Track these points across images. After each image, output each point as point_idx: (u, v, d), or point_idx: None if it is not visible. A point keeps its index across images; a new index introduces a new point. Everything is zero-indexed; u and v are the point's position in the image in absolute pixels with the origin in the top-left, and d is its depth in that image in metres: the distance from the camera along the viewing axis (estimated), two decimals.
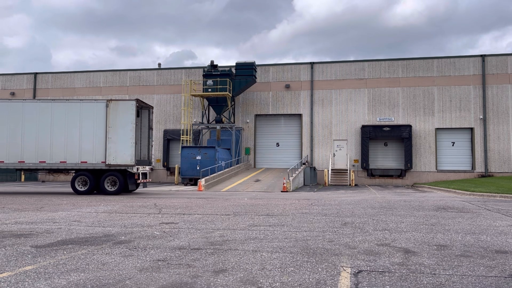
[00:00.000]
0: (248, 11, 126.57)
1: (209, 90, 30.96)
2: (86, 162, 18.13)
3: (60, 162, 18.21)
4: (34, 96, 36.59)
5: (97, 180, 18.49)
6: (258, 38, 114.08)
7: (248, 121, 33.76)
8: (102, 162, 18.07)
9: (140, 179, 18.98)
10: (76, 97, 35.35)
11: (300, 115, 33.28)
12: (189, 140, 32.14)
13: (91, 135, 18.13)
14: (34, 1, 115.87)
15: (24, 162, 18.25)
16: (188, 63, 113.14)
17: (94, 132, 18.12)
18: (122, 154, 17.97)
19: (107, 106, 18.11)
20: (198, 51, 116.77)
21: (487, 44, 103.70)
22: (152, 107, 20.34)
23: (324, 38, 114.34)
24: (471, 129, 30.98)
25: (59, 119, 18.28)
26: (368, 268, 5.20)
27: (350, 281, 4.62)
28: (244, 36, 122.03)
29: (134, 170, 18.38)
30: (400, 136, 30.97)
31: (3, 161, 18.26)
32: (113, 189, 18.37)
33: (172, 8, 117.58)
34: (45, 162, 18.22)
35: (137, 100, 18.54)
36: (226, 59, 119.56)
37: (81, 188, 18.49)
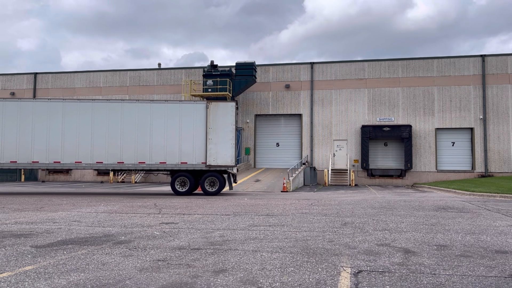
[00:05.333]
0: (259, 15, 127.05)
1: (209, 90, 30.96)
2: (186, 163, 18.16)
3: (160, 163, 18.20)
4: (34, 96, 36.58)
5: (196, 181, 18.62)
6: (268, 40, 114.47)
7: (248, 121, 33.75)
8: (202, 163, 18.13)
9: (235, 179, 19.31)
10: (76, 97, 35.33)
11: (300, 115, 33.28)
12: None
13: (190, 136, 18.20)
14: (52, 5, 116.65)
15: (123, 163, 18.19)
16: (199, 65, 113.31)
17: (194, 133, 18.20)
18: (223, 155, 18.09)
19: (207, 107, 18.23)
20: (209, 53, 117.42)
21: (494, 47, 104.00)
22: (238, 108, 20.47)
23: (332, 41, 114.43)
24: (471, 129, 30.98)
25: (158, 120, 18.28)
26: (368, 268, 5.20)
27: (350, 281, 4.62)
28: (254, 39, 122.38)
29: (234, 170, 18.68)
30: (400, 136, 30.97)
31: (102, 162, 18.19)
32: (212, 190, 18.43)
33: (183, 12, 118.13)
34: (144, 163, 18.18)
35: (236, 102, 18.79)
36: (235, 61, 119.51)
37: (180, 188, 18.47)
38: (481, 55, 31.25)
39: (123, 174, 33.44)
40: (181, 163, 18.18)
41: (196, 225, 8.83)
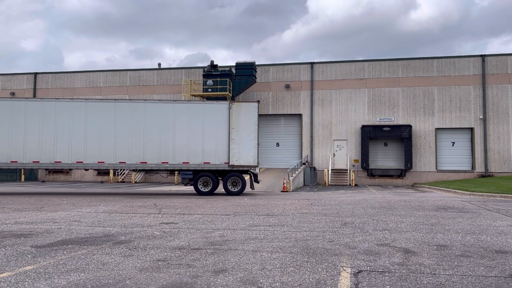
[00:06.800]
0: (262, 16, 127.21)
1: (209, 90, 30.95)
2: (209, 163, 18.23)
3: (183, 162, 18.25)
4: (34, 96, 36.56)
5: (218, 181, 18.72)
6: (270, 41, 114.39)
7: None
8: (225, 163, 18.23)
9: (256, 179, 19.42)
10: (76, 97, 35.30)
11: (300, 115, 33.27)
12: None
13: (213, 136, 18.26)
14: (57, 6, 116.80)
15: (146, 163, 18.17)
16: (200, 66, 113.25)
17: (217, 133, 18.27)
18: (245, 155, 18.21)
19: (229, 107, 18.31)
20: (211, 54, 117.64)
21: (495, 48, 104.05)
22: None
23: (335, 41, 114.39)
24: (471, 129, 30.97)
25: (181, 120, 18.31)
26: (368, 268, 5.20)
27: (350, 281, 4.62)
28: (256, 39, 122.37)
29: (257, 170, 18.76)
30: (400, 136, 30.96)
31: (124, 162, 18.18)
32: (235, 190, 18.53)
33: (186, 13, 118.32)
34: (167, 163, 18.22)
35: (258, 102, 18.97)
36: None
37: (203, 188, 18.50)
38: (481, 55, 31.23)
39: (123, 174, 33.44)
40: (204, 163, 18.23)
41: (196, 225, 8.83)
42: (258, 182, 19.79)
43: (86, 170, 21.56)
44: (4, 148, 17.88)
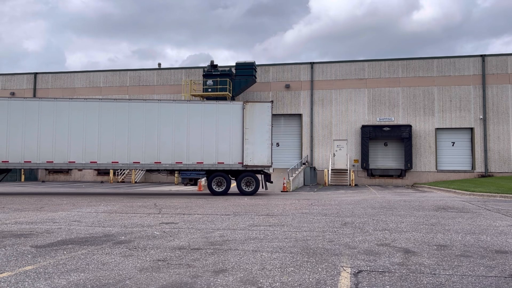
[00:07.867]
0: (264, 16, 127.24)
1: (209, 90, 30.95)
2: (223, 163, 18.27)
3: (197, 163, 18.28)
4: (34, 96, 36.55)
5: (231, 181, 18.77)
6: (272, 41, 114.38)
7: None
8: (239, 163, 18.29)
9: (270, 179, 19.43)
10: (76, 97, 35.29)
11: (300, 115, 33.27)
12: None
13: (227, 136, 18.32)
14: (60, 7, 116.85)
15: (160, 163, 18.18)
16: (200, 66, 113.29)
17: (231, 133, 18.33)
18: (259, 155, 18.30)
19: (243, 107, 18.36)
20: (214, 54, 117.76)
21: (497, 48, 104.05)
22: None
23: (336, 42, 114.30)
24: (471, 129, 30.97)
25: (195, 121, 18.37)
26: (368, 268, 5.20)
27: (350, 281, 4.62)
28: (258, 40, 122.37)
29: (271, 171, 18.86)
30: (400, 136, 30.96)
31: (138, 162, 18.16)
32: (249, 190, 18.58)
33: (188, 13, 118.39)
34: (181, 163, 18.24)
35: (272, 102, 19.10)
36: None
37: (217, 188, 18.53)
38: (481, 55, 31.22)
39: (123, 174, 33.43)
40: (218, 163, 18.26)
41: (196, 225, 8.83)
42: (271, 182, 19.74)
43: (98, 170, 21.57)
44: (17, 148, 17.85)
